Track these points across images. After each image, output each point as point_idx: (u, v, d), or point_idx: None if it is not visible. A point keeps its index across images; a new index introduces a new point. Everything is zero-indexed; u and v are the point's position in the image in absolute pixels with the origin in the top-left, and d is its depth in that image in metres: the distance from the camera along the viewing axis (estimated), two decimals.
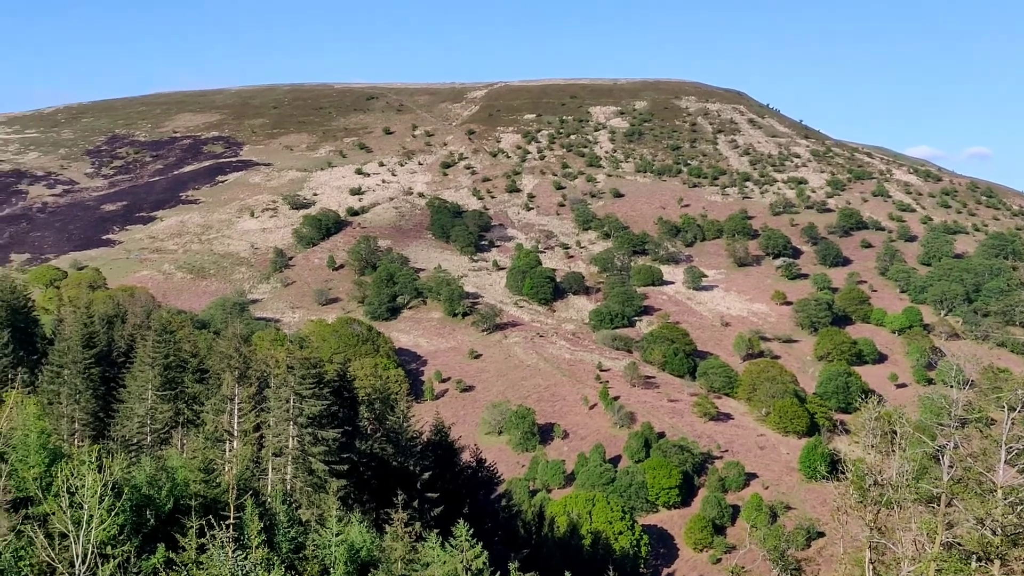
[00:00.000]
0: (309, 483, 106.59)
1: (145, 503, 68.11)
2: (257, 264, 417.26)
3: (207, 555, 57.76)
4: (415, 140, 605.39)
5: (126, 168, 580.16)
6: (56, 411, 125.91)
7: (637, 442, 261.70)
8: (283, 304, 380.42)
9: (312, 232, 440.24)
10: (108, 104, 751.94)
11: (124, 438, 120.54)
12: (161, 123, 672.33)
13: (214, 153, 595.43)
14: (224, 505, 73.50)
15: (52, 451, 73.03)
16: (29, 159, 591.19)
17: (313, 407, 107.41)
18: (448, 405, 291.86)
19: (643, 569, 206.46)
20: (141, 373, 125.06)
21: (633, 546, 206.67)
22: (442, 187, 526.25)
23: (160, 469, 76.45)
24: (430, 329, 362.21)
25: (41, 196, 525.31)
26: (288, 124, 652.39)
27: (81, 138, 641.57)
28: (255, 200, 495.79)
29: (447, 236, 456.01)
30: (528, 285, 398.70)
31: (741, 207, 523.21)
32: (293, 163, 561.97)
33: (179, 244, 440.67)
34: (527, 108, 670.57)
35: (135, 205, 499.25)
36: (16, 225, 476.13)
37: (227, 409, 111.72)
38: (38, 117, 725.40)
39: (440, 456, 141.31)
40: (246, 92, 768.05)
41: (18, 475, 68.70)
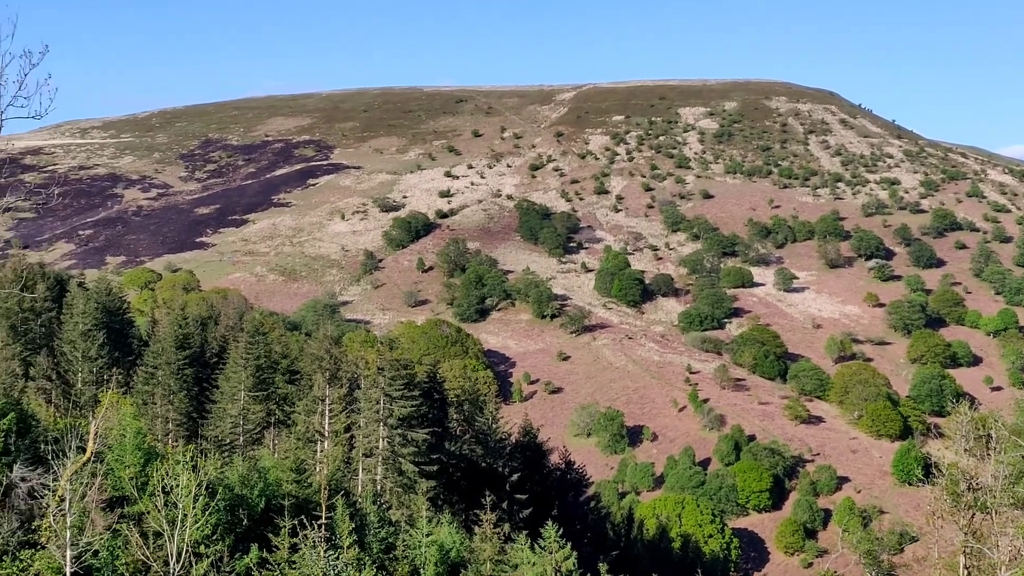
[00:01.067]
0: (399, 484, 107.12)
1: (238, 503, 68.89)
2: (347, 266, 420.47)
3: (299, 555, 58.28)
4: (504, 142, 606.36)
5: (219, 172, 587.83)
6: (151, 411, 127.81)
7: (727, 445, 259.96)
8: (373, 306, 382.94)
9: (401, 234, 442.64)
10: (201, 109, 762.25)
11: (217, 438, 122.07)
12: (253, 127, 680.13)
13: (305, 156, 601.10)
14: (315, 505, 74.13)
15: (147, 451, 74.11)
16: (124, 163, 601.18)
17: (403, 408, 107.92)
18: (537, 407, 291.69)
19: (733, 572, 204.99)
20: (234, 374, 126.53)
21: (723, 549, 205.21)
22: (530, 189, 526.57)
23: (253, 469, 77.25)
24: (519, 331, 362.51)
25: (136, 200, 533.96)
26: (378, 127, 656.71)
27: (175, 142, 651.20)
28: (345, 203, 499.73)
29: (535, 238, 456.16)
30: (617, 287, 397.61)
31: (833, 208, 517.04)
32: (383, 166, 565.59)
33: (271, 247, 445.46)
34: (616, 109, 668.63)
35: (228, 208, 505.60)
36: (112, 228, 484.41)
37: (318, 410, 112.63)
38: (133, 122, 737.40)
39: (529, 458, 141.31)
40: (337, 96, 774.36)
41: (114, 474, 69.77)
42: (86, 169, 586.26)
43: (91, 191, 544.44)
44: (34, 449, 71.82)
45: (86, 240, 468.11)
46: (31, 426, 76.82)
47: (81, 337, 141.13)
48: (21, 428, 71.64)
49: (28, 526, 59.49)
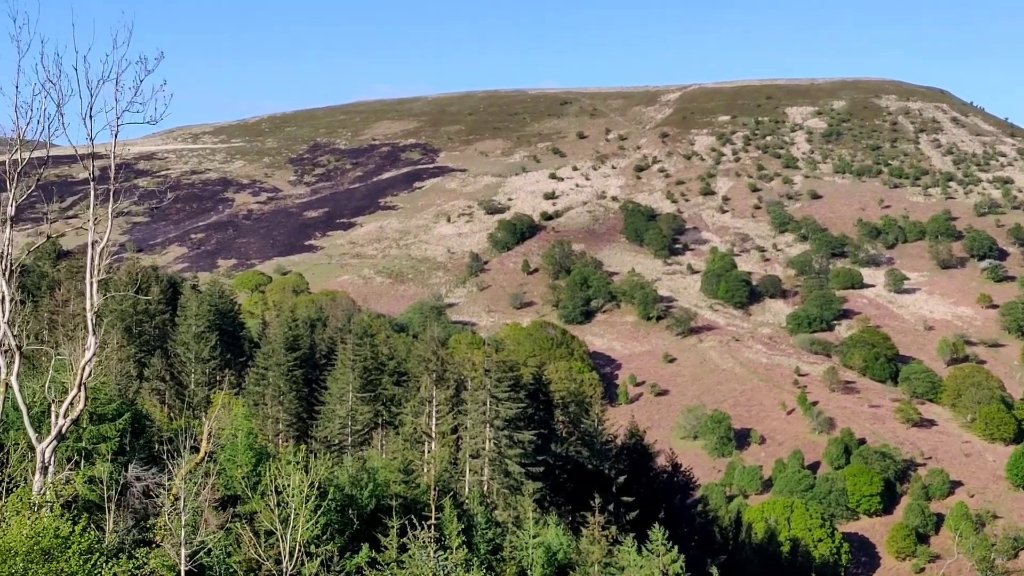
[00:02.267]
0: (505, 485, 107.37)
1: (348, 503, 69.58)
2: (453, 268, 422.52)
3: (408, 555, 58.74)
4: (608, 144, 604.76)
5: (327, 175, 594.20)
6: (261, 412, 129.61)
7: (837, 448, 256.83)
8: (479, 308, 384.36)
9: (507, 236, 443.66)
10: (310, 113, 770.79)
11: (325, 439, 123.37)
12: (360, 131, 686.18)
13: (412, 160, 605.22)
14: (423, 506, 74.63)
15: (258, 451, 75.19)
16: (235, 168, 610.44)
17: (509, 410, 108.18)
18: (642, 409, 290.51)
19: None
20: (342, 375, 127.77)
21: (833, 554, 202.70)
22: (635, 190, 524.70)
23: (362, 470, 77.99)
24: (624, 333, 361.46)
25: (247, 204, 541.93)
26: (483, 130, 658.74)
27: (284, 147, 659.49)
28: (451, 205, 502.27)
29: (641, 239, 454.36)
30: (723, 288, 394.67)
31: (944, 208, 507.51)
32: (488, 168, 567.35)
33: (378, 249, 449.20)
34: (721, 110, 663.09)
35: (336, 211, 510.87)
36: (223, 232, 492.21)
37: (425, 411, 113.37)
38: (243, 127, 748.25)
39: (635, 460, 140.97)
40: (442, 99, 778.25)
41: (226, 474, 70.91)
42: (198, 174, 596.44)
43: (203, 195, 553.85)
44: (149, 449, 73.27)
45: (198, 243, 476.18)
46: (146, 426, 78.41)
47: (194, 339, 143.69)
48: (136, 428, 73.15)
49: (143, 524, 60.67)
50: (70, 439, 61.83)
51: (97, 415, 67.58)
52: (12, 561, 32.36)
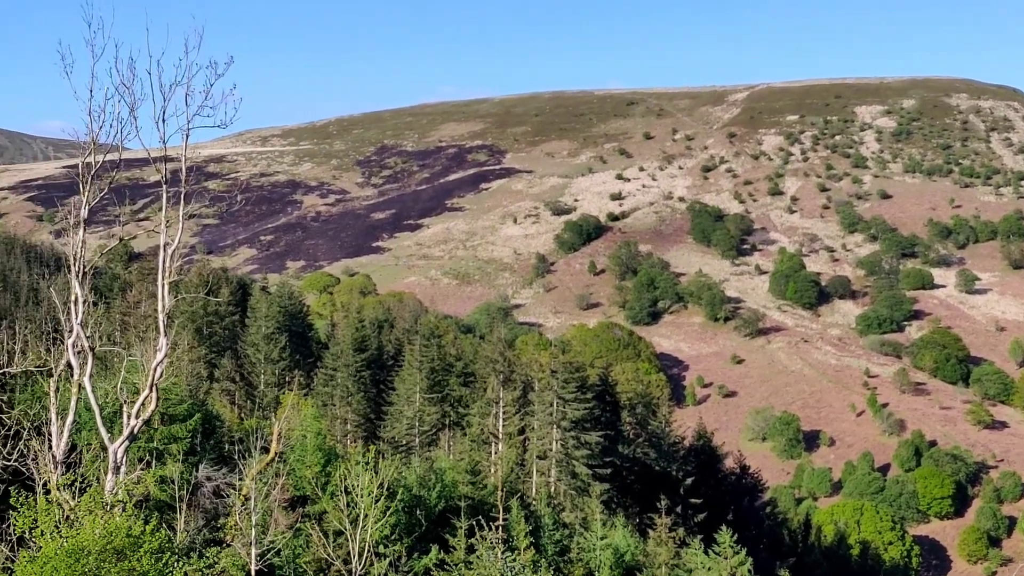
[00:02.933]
0: (573, 486, 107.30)
1: (416, 504, 69.84)
2: (520, 269, 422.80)
3: (476, 555, 58.84)
4: (675, 144, 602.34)
5: (394, 177, 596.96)
6: (330, 413, 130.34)
7: (907, 450, 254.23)
8: (545, 309, 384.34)
9: (573, 237, 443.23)
10: (377, 116, 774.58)
11: (393, 439, 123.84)
12: (427, 133, 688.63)
13: (478, 161, 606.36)
14: (491, 507, 74.71)
15: (327, 452, 75.65)
16: (303, 170, 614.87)
17: (576, 411, 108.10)
18: (710, 410, 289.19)
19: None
20: (409, 376, 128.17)
21: (903, 557, 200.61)
22: (702, 191, 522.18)
23: (430, 471, 78.24)
24: (691, 334, 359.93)
25: (315, 206, 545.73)
26: (549, 131, 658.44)
27: (352, 149, 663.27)
28: (517, 207, 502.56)
29: (708, 240, 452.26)
30: (792, 289, 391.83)
31: (1016, 207, 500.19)
32: (554, 169, 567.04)
33: (445, 250, 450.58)
34: (789, 109, 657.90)
35: (403, 213, 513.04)
36: (292, 234, 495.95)
37: (492, 412, 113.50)
38: (311, 129, 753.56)
39: (703, 462, 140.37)
40: (508, 101, 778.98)
41: (296, 474, 71.44)
42: (267, 176, 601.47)
43: (272, 197, 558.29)
44: (219, 449, 74.01)
45: (267, 245, 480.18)
46: (216, 427, 79.19)
47: (263, 340, 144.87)
48: (207, 429, 73.89)
49: (213, 524, 61.26)
50: (142, 439, 62.55)
51: (168, 416, 68.36)
52: (85, 560, 32.75)
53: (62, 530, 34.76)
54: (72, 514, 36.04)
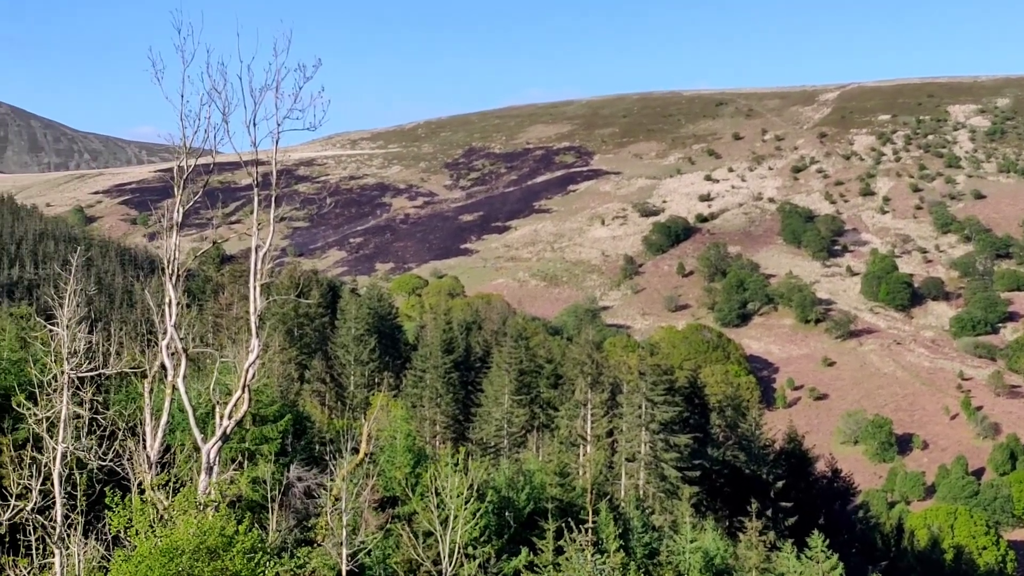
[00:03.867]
0: (662, 489, 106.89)
1: (505, 506, 69.85)
2: (607, 271, 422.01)
3: (565, 557, 58.71)
4: (764, 145, 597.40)
5: (482, 180, 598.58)
6: (419, 414, 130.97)
7: (1002, 454, 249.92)
8: (633, 310, 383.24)
9: (661, 239, 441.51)
10: (465, 118, 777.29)
11: (481, 441, 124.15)
12: (515, 135, 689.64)
13: (565, 163, 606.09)
14: (579, 509, 74.50)
15: (417, 453, 75.94)
16: (392, 173, 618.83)
17: (665, 413, 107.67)
18: (801, 413, 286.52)
19: None
20: (498, 378, 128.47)
21: (998, 562, 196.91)
22: (792, 192, 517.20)
23: (518, 472, 78.20)
24: (781, 336, 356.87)
25: (403, 208, 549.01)
26: (637, 132, 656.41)
27: (440, 151, 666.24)
28: (605, 208, 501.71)
29: (798, 241, 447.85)
30: (884, 290, 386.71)
31: None
32: (642, 171, 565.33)
33: (533, 252, 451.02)
34: (881, 109, 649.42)
35: (491, 215, 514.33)
36: (381, 236, 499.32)
37: (580, 414, 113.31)
38: (400, 132, 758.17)
39: (793, 465, 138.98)
40: (596, 102, 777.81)
41: (386, 475, 71.78)
42: (356, 179, 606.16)
43: (361, 200, 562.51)
44: (309, 450, 74.61)
45: (356, 248, 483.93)
46: (306, 427, 79.84)
47: (353, 341, 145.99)
48: (297, 430, 74.52)
49: (305, 524, 61.78)
50: (234, 440, 63.24)
51: (260, 417, 69.02)
52: (179, 559, 33.10)
53: (156, 529, 35.16)
54: (166, 514, 36.45)
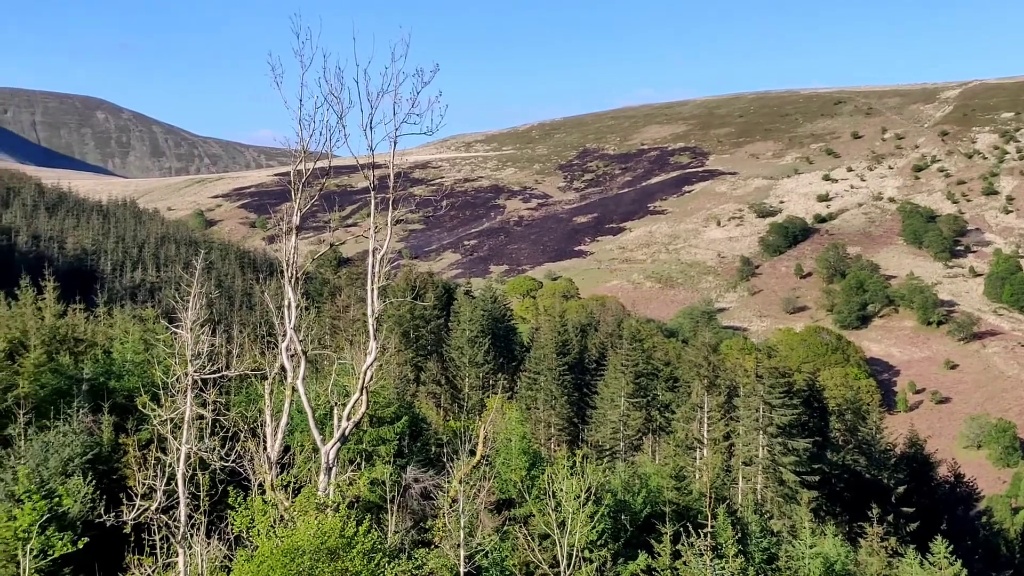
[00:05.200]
0: (780, 493, 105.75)
1: (621, 509, 69.59)
2: (723, 273, 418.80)
3: (682, 562, 58.24)
4: (884, 143, 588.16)
5: (596, 181, 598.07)
6: (533, 416, 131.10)
7: None
8: (750, 312, 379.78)
9: (778, 240, 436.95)
10: (578, 120, 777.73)
11: (597, 443, 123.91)
12: (629, 136, 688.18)
13: (680, 164, 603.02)
14: (696, 513, 73.97)
15: (532, 455, 75.99)
16: (506, 175, 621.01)
17: (783, 416, 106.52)
18: (922, 417, 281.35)
19: None
20: (613, 380, 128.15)
21: None
22: (913, 191, 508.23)
23: (634, 475, 77.89)
24: (902, 338, 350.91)
25: (517, 210, 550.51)
26: (753, 132, 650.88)
27: (554, 153, 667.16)
28: (721, 209, 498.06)
29: (919, 242, 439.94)
30: (1008, 292, 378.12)
31: None
32: (759, 171, 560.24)
33: (647, 254, 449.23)
34: (1005, 106, 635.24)
35: (605, 216, 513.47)
36: (495, 238, 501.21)
37: (696, 417, 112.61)
38: (514, 135, 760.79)
39: (915, 469, 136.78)
40: (711, 102, 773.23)
41: (501, 477, 71.90)
42: (470, 181, 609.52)
43: (475, 202, 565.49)
44: (426, 451, 75.03)
45: (471, 250, 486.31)
46: (423, 429, 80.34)
47: (468, 343, 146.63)
48: (414, 431, 75.00)
49: (422, 525, 62.06)
50: (352, 441, 63.80)
51: (377, 418, 69.55)
52: (300, 560, 33.44)
53: (277, 530, 35.57)
54: (286, 514, 36.85)
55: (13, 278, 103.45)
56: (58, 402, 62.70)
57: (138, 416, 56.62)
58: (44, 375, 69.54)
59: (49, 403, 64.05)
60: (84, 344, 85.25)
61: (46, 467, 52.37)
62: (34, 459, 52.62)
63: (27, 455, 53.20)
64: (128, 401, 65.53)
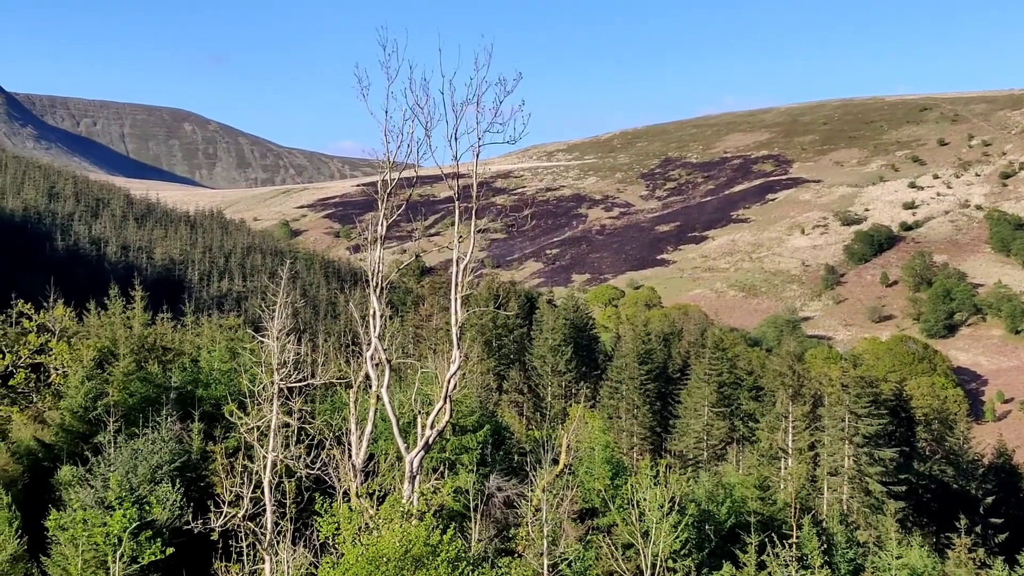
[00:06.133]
0: (866, 504, 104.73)
1: (705, 518, 69.29)
2: (808, 281, 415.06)
3: (767, 572, 57.89)
4: (971, 150, 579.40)
5: (678, 189, 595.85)
6: (616, 425, 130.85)
7: None
8: (834, 321, 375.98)
9: (863, 248, 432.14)
10: (661, 128, 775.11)
11: (680, 453, 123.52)
12: (711, 144, 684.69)
13: (763, 172, 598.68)
14: (780, 523, 73.45)
15: (615, 464, 75.87)
16: (588, 184, 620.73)
17: (869, 426, 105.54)
18: (1011, 427, 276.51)
19: None
20: (697, 390, 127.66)
21: None
22: (1001, 198, 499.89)
23: (718, 485, 77.52)
24: (990, 347, 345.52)
25: (599, 219, 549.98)
26: (838, 140, 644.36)
27: (636, 162, 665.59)
28: (805, 217, 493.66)
29: (1008, 250, 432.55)
30: None
31: None
32: (843, 179, 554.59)
33: (730, 262, 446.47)
34: None
35: (687, 225, 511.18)
36: (577, 247, 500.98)
37: (781, 427, 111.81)
38: (595, 144, 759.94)
39: (1003, 480, 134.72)
40: (795, 110, 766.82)
41: (584, 486, 71.86)
42: (552, 191, 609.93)
43: (557, 212, 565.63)
44: (508, 460, 75.15)
45: (553, 259, 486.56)
46: (505, 438, 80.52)
47: (550, 352, 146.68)
48: (496, 440, 75.19)
49: (505, 534, 62.19)
50: (435, 449, 64.13)
51: (459, 427, 69.84)
52: (385, 567, 33.70)
53: (362, 537, 35.88)
54: (372, 522, 37.16)
55: (103, 288, 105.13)
56: (147, 410, 63.63)
57: (225, 424, 57.35)
58: (133, 383, 70.71)
59: (138, 411, 65.06)
60: (172, 353, 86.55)
61: (135, 474, 53.23)
62: (123, 466, 53.50)
63: (117, 462, 54.11)
64: (215, 409, 66.42)
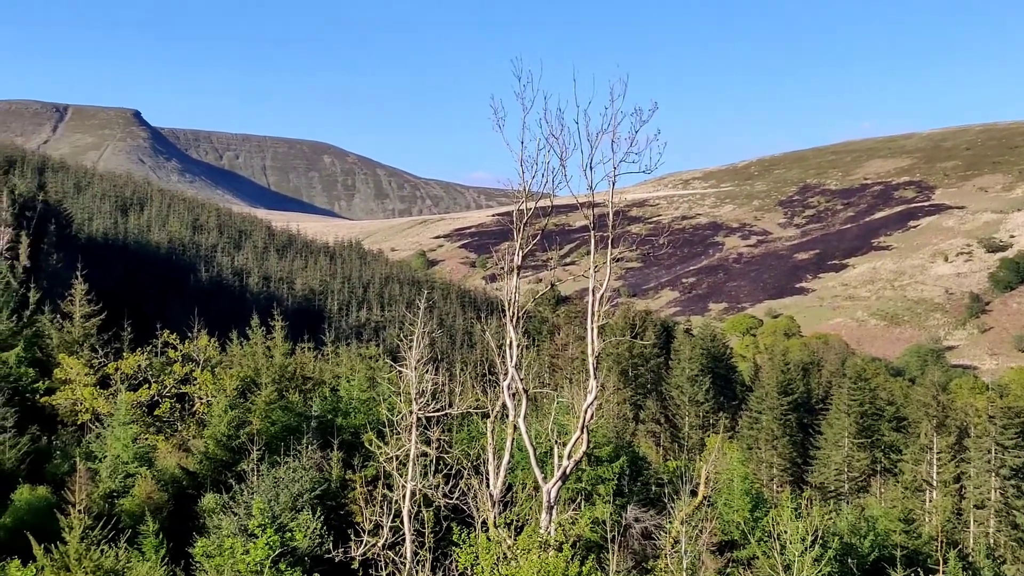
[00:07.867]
0: (1013, 538, 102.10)
1: (847, 552, 68.03)
2: (951, 310, 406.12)
3: None
4: None
5: (817, 217, 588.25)
6: (755, 456, 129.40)
7: None
8: (980, 351, 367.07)
9: (1010, 275, 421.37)
10: (799, 155, 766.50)
11: (821, 485, 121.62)
12: (851, 171, 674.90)
13: (905, 198, 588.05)
14: (925, 557, 71.74)
15: (754, 496, 74.91)
16: (724, 212, 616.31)
17: (1016, 458, 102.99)
18: None
19: None
20: (837, 420, 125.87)
21: None
22: None
23: (861, 518, 76.10)
24: None
25: (736, 247, 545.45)
26: (981, 165, 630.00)
27: (773, 189, 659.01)
28: (948, 244, 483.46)
29: None
30: None
31: None
32: (987, 205, 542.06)
33: (871, 291, 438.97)
34: None
35: (827, 253, 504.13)
36: (713, 276, 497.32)
37: (925, 458, 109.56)
38: (732, 171, 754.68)
39: None
40: (936, 135, 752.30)
41: (723, 518, 71.08)
42: (688, 219, 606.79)
43: (693, 240, 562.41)
44: (646, 491, 74.69)
45: (689, 288, 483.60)
46: (642, 468, 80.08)
47: (688, 382, 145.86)
48: (633, 470, 74.77)
49: (643, 566, 61.75)
50: (571, 479, 64.00)
51: (594, 457, 69.62)
52: None
53: (500, 567, 35.88)
54: (510, 552, 37.16)
55: (245, 318, 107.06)
56: (288, 438, 64.59)
57: (364, 453, 57.98)
58: (275, 412, 71.85)
59: (279, 439, 66.07)
60: (312, 382, 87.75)
61: (277, 502, 54.00)
62: (265, 494, 54.34)
63: (259, 490, 54.99)
64: (354, 438, 67.19)
